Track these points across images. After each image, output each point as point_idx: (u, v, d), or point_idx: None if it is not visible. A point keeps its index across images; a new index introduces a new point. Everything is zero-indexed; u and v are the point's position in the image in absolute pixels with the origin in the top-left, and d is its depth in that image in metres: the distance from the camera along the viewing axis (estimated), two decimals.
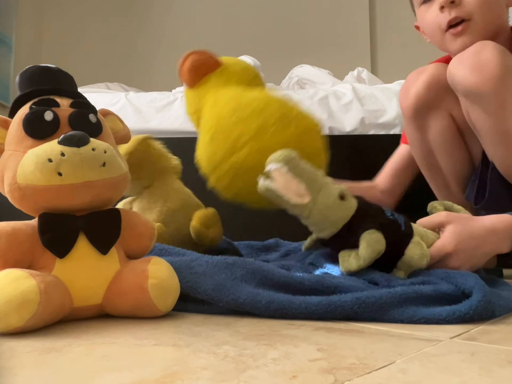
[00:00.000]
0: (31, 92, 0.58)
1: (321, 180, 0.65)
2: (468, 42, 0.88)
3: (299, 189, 0.63)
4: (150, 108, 1.47)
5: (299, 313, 0.54)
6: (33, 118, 0.56)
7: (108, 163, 0.55)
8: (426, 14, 0.94)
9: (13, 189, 0.54)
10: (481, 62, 0.80)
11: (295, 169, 0.63)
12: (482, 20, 0.88)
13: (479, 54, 0.80)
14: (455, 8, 0.88)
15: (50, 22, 3.04)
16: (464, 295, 0.57)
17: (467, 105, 0.86)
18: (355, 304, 0.53)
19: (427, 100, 0.92)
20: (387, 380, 0.33)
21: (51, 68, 0.61)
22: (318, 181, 0.64)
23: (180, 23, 3.02)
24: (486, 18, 0.88)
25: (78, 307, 0.54)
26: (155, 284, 0.54)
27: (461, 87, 0.84)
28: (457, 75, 0.84)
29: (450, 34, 0.90)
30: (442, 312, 0.53)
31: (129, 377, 0.34)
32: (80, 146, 0.53)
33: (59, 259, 0.53)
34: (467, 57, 0.82)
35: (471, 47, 0.83)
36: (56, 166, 0.52)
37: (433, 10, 0.92)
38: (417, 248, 0.64)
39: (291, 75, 1.93)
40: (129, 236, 0.59)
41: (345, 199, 0.65)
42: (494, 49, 0.80)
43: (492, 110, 0.81)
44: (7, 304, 0.46)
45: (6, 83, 2.58)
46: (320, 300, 0.55)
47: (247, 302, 0.55)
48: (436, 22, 0.92)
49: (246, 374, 0.34)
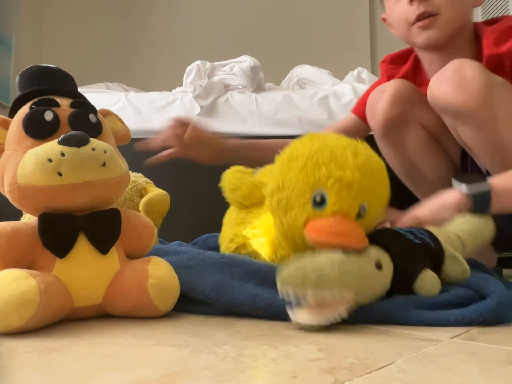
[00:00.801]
0: (31, 92, 0.58)
1: (353, 269, 0.51)
2: (433, 36, 0.90)
3: (336, 299, 0.49)
4: (150, 108, 1.47)
5: None
6: (33, 118, 0.56)
7: (108, 163, 0.55)
8: (395, 6, 0.95)
9: (13, 189, 0.54)
10: (464, 80, 0.80)
11: (321, 280, 0.48)
12: (449, 15, 0.89)
13: (460, 72, 0.81)
14: (424, 2, 0.89)
15: (50, 22, 3.04)
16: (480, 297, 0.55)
17: (456, 124, 0.87)
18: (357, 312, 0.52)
19: (396, 116, 0.94)
20: (387, 380, 0.33)
21: (51, 68, 0.61)
22: (353, 273, 0.51)
23: (180, 23, 3.02)
24: (453, 14, 0.89)
25: (78, 307, 0.54)
26: (155, 284, 0.54)
27: (447, 107, 0.85)
28: (442, 96, 0.84)
29: (417, 27, 0.91)
30: (450, 316, 0.51)
31: (129, 377, 0.34)
32: (80, 146, 0.53)
33: (59, 259, 0.53)
34: (448, 77, 0.83)
35: (449, 66, 0.84)
36: (56, 166, 0.52)
37: (402, 3, 0.92)
38: (455, 265, 0.61)
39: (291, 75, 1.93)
40: (129, 236, 0.59)
41: (382, 266, 0.54)
42: (473, 66, 0.82)
43: (482, 126, 0.81)
44: (7, 304, 0.46)
45: (6, 83, 2.58)
46: None
47: (245, 303, 0.55)
48: (404, 14, 0.92)
49: (246, 374, 0.34)
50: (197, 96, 1.43)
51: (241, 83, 1.51)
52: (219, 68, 1.59)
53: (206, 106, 1.42)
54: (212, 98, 1.44)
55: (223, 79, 1.53)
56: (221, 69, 1.59)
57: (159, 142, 1.02)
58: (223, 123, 1.41)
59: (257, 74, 1.56)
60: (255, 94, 1.49)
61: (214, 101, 1.44)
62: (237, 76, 1.53)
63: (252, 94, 1.49)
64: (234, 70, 1.55)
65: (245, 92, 1.50)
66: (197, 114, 1.43)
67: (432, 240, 0.62)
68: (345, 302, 0.50)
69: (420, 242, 0.61)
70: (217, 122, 1.41)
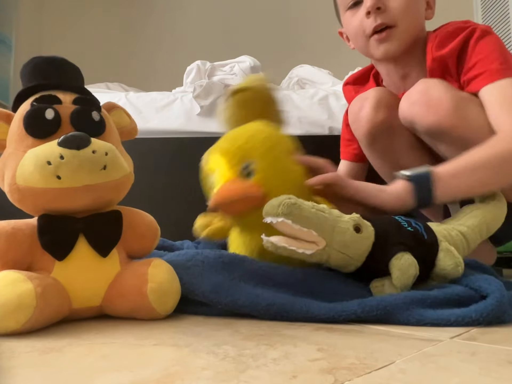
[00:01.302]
0: (33, 86, 0.57)
1: (330, 217, 0.58)
2: (391, 48, 0.91)
3: (310, 236, 0.56)
4: (150, 108, 1.47)
5: (300, 317, 0.53)
6: (33, 116, 0.54)
7: (110, 166, 0.54)
8: (352, 19, 0.96)
9: (12, 189, 0.54)
10: (433, 101, 0.82)
11: (300, 217, 0.55)
12: (405, 27, 0.90)
13: (427, 93, 0.83)
14: (381, 15, 0.89)
15: (50, 22, 3.04)
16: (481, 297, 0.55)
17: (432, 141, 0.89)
18: (358, 308, 0.52)
19: (381, 123, 0.94)
20: (387, 380, 0.33)
21: (56, 58, 0.59)
22: (328, 220, 0.57)
23: (180, 23, 3.02)
24: (409, 25, 0.91)
25: (77, 309, 0.54)
26: (154, 288, 0.53)
27: (421, 127, 0.86)
28: (415, 117, 0.86)
29: (374, 40, 0.92)
30: (451, 316, 0.51)
31: (129, 377, 0.34)
32: (80, 149, 0.52)
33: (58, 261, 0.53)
34: (416, 98, 0.85)
35: (416, 87, 0.86)
36: (55, 170, 0.51)
37: (359, 16, 0.93)
38: (448, 258, 0.61)
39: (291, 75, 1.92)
40: (131, 237, 0.59)
41: (361, 230, 0.59)
42: (439, 85, 0.83)
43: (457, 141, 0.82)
44: (4, 307, 0.46)
45: (6, 83, 2.58)
46: (322, 305, 0.54)
47: (246, 304, 0.55)
48: (361, 27, 0.93)
49: (246, 374, 0.34)
50: (197, 96, 1.43)
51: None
52: (219, 68, 1.59)
53: (206, 106, 1.42)
54: (212, 98, 1.44)
55: (223, 79, 1.53)
56: (221, 69, 1.59)
57: None
58: None
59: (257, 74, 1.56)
60: None
61: (214, 101, 1.44)
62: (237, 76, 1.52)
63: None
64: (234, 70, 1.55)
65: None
66: (197, 114, 1.43)
67: (427, 233, 0.63)
68: (315, 243, 0.56)
69: (412, 230, 0.62)
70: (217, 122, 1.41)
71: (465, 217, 0.74)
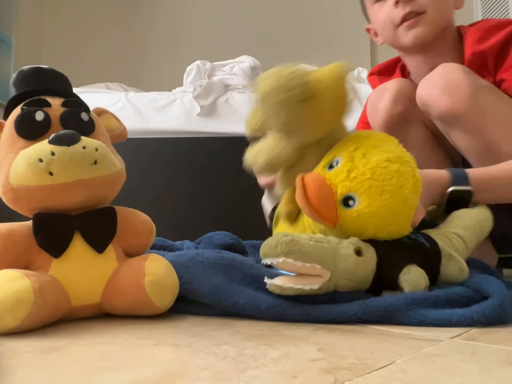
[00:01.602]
0: (23, 93, 0.58)
1: (330, 246, 0.56)
2: (420, 34, 0.90)
3: (314, 270, 0.54)
4: (150, 108, 1.47)
5: (300, 319, 0.53)
6: (24, 119, 0.56)
7: (100, 161, 0.55)
8: (380, 12, 0.95)
9: (6, 190, 0.54)
10: (451, 84, 0.81)
11: (301, 253, 0.53)
12: (434, 14, 0.90)
13: (447, 76, 0.82)
14: (410, 3, 0.89)
15: (50, 22, 3.04)
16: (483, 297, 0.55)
17: (446, 127, 0.87)
18: (359, 310, 0.52)
19: (398, 115, 0.93)
20: (387, 380, 0.33)
21: (44, 68, 0.61)
22: (328, 249, 0.56)
23: (180, 23, 3.02)
24: (438, 12, 0.90)
25: (76, 307, 0.54)
26: (152, 281, 0.54)
27: (436, 112, 0.85)
28: (430, 100, 0.84)
29: (403, 27, 0.91)
30: (452, 316, 0.51)
31: (129, 377, 0.34)
32: (71, 145, 0.53)
33: (55, 259, 0.53)
34: (434, 81, 0.83)
35: (436, 70, 0.84)
36: (47, 166, 0.52)
37: (387, 7, 0.93)
38: (452, 264, 0.61)
39: None
40: (126, 234, 0.59)
41: (362, 253, 0.57)
42: (459, 70, 0.82)
43: (471, 129, 0.82)
44: (2, 305, 0.46)
45: (6, 83, 2.58)
46: (323, 308, 0.54)
47: (246, 306, 0.55)
48: (390, 17, 0.92)
49: (246, 374, 0.34)
50: (197, 96, 1.43)
51: (241, 83, 1.52)
52: (219, 68, 1.59)
53: (206, 106, 1.42)
54: (212, 98, 1.44)
55: (223, 79, 1.53)
56: (221, 69, 1.59)
57: None
58: (223, 123, 1.41)
59: (257, 74, 1.56)
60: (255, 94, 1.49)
61: (214, 101, 1.44)
62: (237, 76, 1.53)
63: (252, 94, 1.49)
64: (234, 70, 1.55)
65: (245, 92, 1.50)
66: (197, 114, 1.43)
67: (428, 241, 0.62)
68: (320, 275, 0.55)
69: (412, 242, 0.61)
70: (217, 122, 1.42)
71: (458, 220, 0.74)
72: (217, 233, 0.92)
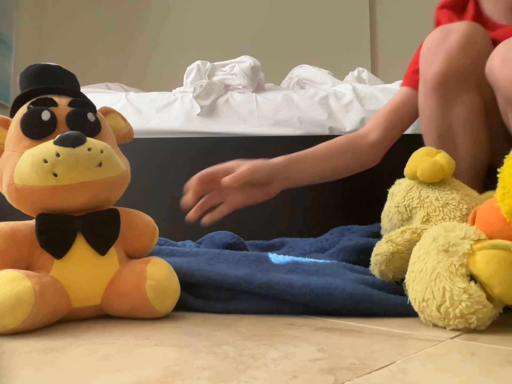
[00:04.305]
0: (30, 91, 0.58)
1: None
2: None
3: None
4: (150, 108, 1.47)
5: (339, 298, 0.55)
6: (30, 118, 0.55)
7: (105, 163, 0.55)
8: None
9: (10, 190, 0.54)
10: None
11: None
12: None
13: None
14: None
15: (50, 22, 3.04)
16: None
17: (509, 109, 0.76)
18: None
19: (461, 66, 0.76)
20: (387, 380, 0.33)
21: (51, 66, 0.60)
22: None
23: (180, 23, 3.02)
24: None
25: (77, 308, 0.54)
26: (153, 285, 0.53)
27: (505, 92, 0.73)
28: (501, 78, 0.71)
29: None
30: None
31: (129, 377, 0.34)
32: (76, 146, 0.52)
33: (57, 260, 0.53)
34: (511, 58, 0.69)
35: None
36: (51, 167, 0.52)
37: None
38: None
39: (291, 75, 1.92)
40: (129, 236, 0.59)
41: None
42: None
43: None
44: (2, 305, 0.46)
45: (6, 83, 2.58)
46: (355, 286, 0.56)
47: (280, 285, 0.56)
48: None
49: (246, 374, 0.34)
50: (197, 96, 1.43)
51: (241, 83, 1.51)
52: (219, 68, 1.59)
53: (206, 106, 1.42)
54: (212, 98, 1.44)
55: (223, 79, 1.53)
56: (221, 69, 1.59)
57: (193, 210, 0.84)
58: (223, 123, 1.41)
59: (257, 74, 1.56)
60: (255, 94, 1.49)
61: (214, 101, 1.44)
62: (237, 76, 1.52)
63: (252, 94, 1.48)
64: (234, 70, 1.55)
65: (245, 92, 1.50)
66: (197, 114, 1.43)
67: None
68: None
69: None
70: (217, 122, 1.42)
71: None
72: (218, 233, 0.92)
